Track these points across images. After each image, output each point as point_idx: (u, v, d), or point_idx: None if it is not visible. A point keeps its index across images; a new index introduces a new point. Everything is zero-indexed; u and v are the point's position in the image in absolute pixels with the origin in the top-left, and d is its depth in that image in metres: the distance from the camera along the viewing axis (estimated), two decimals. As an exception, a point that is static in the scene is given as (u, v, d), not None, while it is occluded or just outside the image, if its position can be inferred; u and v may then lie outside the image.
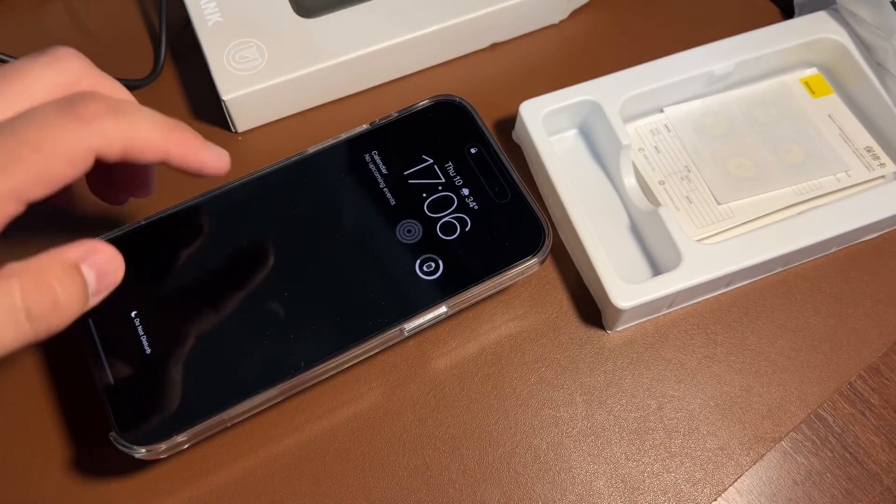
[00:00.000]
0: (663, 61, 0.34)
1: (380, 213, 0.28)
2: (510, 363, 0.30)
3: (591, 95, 0.33)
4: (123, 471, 0.27)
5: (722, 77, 0.35)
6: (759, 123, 0.35)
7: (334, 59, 0.34)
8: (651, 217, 0.31)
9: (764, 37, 0.35)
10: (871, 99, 0.34)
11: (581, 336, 0.31)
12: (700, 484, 0.28)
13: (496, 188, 0.29)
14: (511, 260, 0.28)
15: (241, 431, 0.28)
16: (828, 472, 0.29)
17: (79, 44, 0.38)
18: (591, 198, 0.33)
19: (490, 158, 0.30)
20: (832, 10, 0.36)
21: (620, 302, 0.28)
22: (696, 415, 0.29)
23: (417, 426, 0.29)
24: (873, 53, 0.34)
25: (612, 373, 0.30)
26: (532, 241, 0.28)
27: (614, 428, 0.29)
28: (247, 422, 0.28)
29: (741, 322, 0.31)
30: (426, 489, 0.28)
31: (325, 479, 0.28)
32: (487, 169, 0.29)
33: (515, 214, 0.28)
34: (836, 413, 0.30)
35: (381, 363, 0.30)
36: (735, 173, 0.33)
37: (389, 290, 0.27)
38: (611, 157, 0.33)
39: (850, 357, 0.30)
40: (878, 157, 0.34)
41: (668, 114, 0.35)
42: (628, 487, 0.28)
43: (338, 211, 0.28)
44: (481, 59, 0.38)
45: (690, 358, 0.30)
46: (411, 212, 0.28)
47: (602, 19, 0.39)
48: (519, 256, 0.28)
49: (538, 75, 0.37)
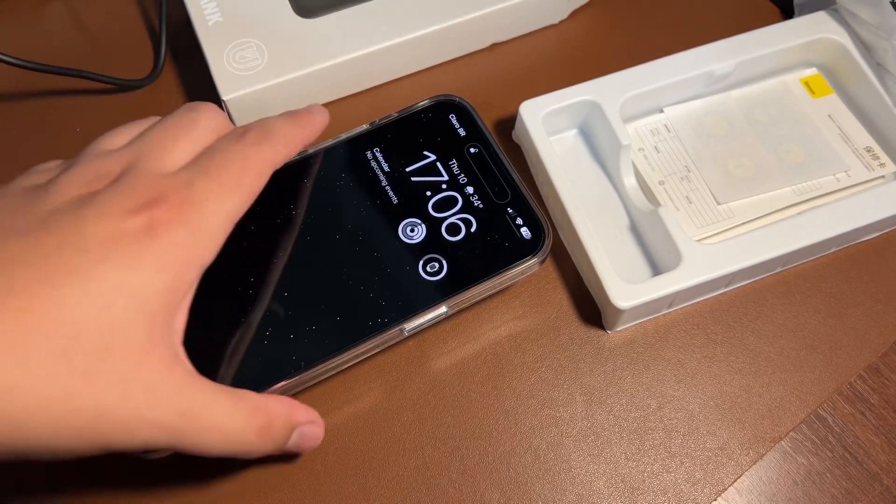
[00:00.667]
0: (663, 61, 0.34)
1: (383, 213, 0.28)
2: (510, 363, 0.30)
3: (591, 95, 0.33)
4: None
5: (722, 77, 0.35)
6: (759, 123, 0.35)
7: (334, 59, 0.34)
8: (651, 217, 0.31)
9: (764, 37, 0.35)
10: (871, 99, 0.34)
11: (581, 336, 0.31)
12: (700, 484, 0.28)
13: (496, 188, 0.29)
14: (511, 260, 0.28)
15: (241, 431, 0.28)
16: (828, 472, 0.29)
17: (79, 44, 0.38)
18: (591, 198, 0.33)
19: (490, 158, 0.29)
20: (832, 10, 0.36)
21: (620, 302, 0.28)
22: (695, 415, 0.29)
23: (417, 426, 0.29)
24: (873, 53, 0.34)
25: (612, 373, 0.30)
26: (532, 242, 0.28)
27: (614, 428, 0.29)
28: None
29: (741, 322, 0.31)
30: (426, 489, 0.28)
31: (325, 479, 0.28)
32: (487, 169, 0.29)
33: (516, 215, 0.28)
34: (836, 413, 0.30)
35: (381, 363, 0.30)
36: (735, 173, 0.33)
37: (391, 289, 0.27)
38: (611, 157, 0.33)
39: (850, 357, 0.30)
40: (877, 157, 0.34)
41: (667, 114, 0.35)
42: (628, 487, 0.28)
43: (339, 210, 0.28)
44: (481, 59, 0.38)
45: (690, 358, 0.30)
46: (415, 211, 0.28)
47: (602, 19, 0.39)
48: (519, 256, 0.28)
49: (538, 75, 0.37)
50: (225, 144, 0.23)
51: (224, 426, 0.21)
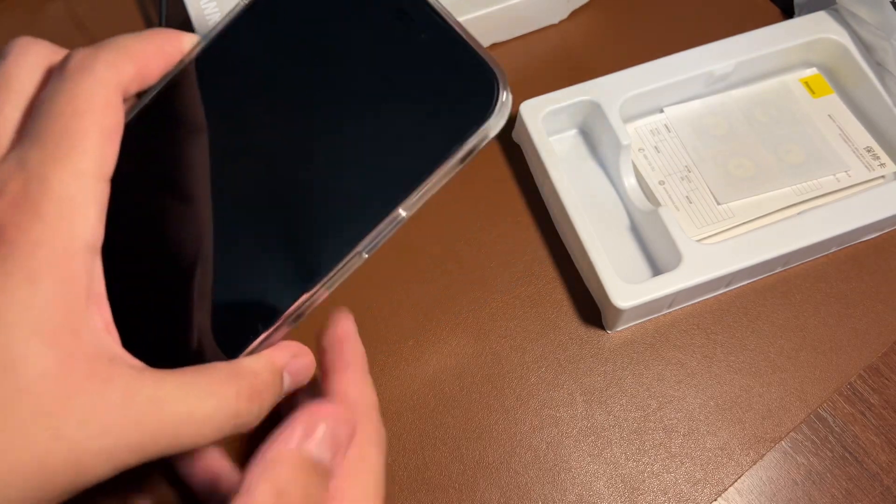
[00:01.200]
0: (663, 61, 0.34)
1: (301, 113, 0.22)
2: (510, 363, 0.30)
3: (591, 95, 0.33)
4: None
5: (722, 77, 0.35)
6: (759, 123, 0.35)
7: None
8: (651, 217, 0.31)
9: (764, 37, 0.35)
10: (871, 99, 0.34)
11: (581, 336, 0.31)
12: (700, 484, 0.28)
13: (434, 47, 0.21)
14: (462, 133, 0.21)
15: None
16: (828, 472, 0.29)
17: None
18: (591, 198, 0.33)
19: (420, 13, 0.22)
20: (832, 10, 0.36)
21: (620, 302, 0.28)
22: (695, 415, 0.29)
23: (417, 426, 0.29)
24: (873, 53, 0.34)
25: (612, 373, 0.30)
26: (484, 98, 0.21)
27: (614, 428, 0.29)
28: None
29: (741, 322, 0.31)
30: (426, 489, 0.28)
31: (325, 479, 0.28)
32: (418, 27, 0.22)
33: (459, 70, 0.21)
34: (836, 413, 0.30)
35: (381, 363, 0.30)
36: (735, 173, 0.33)
37: (338, 207, 0.22)
38: (611, 157, 0.33)
39: (850, 357, 0.30)
40: (878, 157, 0.34)
41: (667, 114, 0.35)
42: (628, 487, 0.28)
43: (252, 117, 0.22)
44: (481, 59, 0.38)
45: (690, 358, 0.30)
46: (337, 104, 0.22)
47: (602, 19, 0.39)
48: (473, 123, 0.20)
49: (538, 75, 0.37)
50: (49, 90, 0.18)
51: (197, 412, 0.18)
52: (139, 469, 0.18)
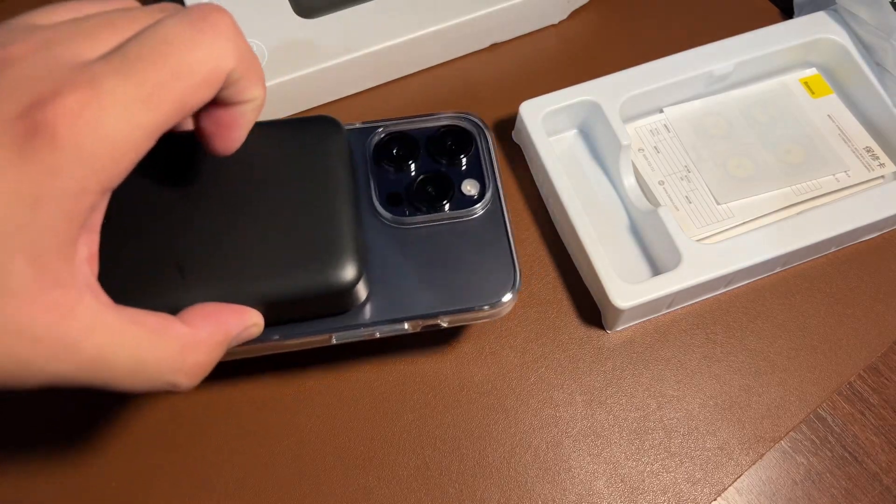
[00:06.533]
0: (663, 61, 0.34)
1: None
2: (510, 363, 0.30)
3: (590, 95, 0.33)
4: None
5: (721, 77, 0.35)
6: (759, 123, 0.35)
7: (334, 59, 0.34)
8: (651, 217, 0.31)
9: (764, 37, 0.35)
10: (871, 99, 0.34)
11: (581, 336, 0.31)
12: (700, 484, 0.28)
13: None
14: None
15: (240, 428, 0.28)
16: (827, 472, 0.29)
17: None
18: (591, 198, 0.33)
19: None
20: (832, 10, 0.36)
21: (620, 302, 0.28)
22: (695, 415, 0.29)
23: (417, 426, 0.29)
24: (873, 53, 0.34)
25: (612, 373, 0.30)
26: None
27: (614, 428, 0.29)
28: (246, 420, 0.28)
29: (741, 322, 0.31)
30: (426, 489, 0.28)
31: (326, 479, 0.28)
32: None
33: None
34: (836, 413, 0.30)
35: (381, 363, 0.30)
36: (734, 173, 0.33)
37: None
38: (610, 158, 0.33)
39: (850, 357, 0.30)
40: (877, 157, 0.34)
41: (667, 114, 0.35)
42: (628, 487, 0.28)
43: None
44: (481, 59, 0.38)
45: (690, 358, 0.30)
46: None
47: (602, 19, 0.39)
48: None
49: (538, 75, 0.37)
50: (164, 27, 0.17)
51: (140, 356, 0.18)
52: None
